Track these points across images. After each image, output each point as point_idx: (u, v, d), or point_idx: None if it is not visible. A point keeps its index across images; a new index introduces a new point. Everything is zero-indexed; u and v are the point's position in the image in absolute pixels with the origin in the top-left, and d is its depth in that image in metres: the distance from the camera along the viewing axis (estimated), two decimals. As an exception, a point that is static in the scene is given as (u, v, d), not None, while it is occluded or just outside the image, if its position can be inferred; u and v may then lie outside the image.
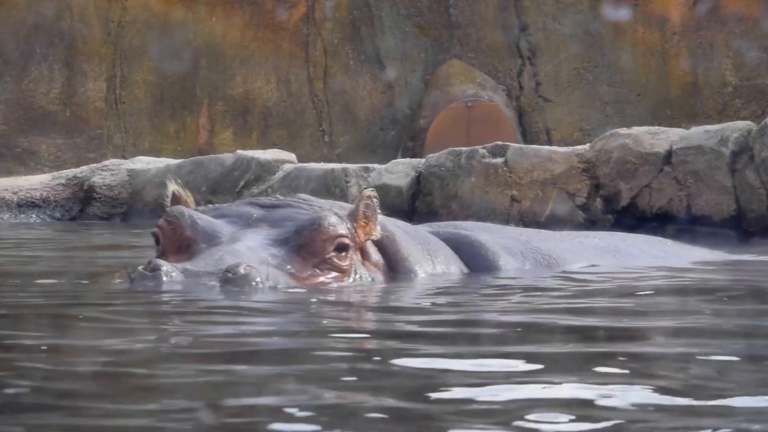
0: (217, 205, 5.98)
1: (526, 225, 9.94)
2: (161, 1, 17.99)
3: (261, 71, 18.10)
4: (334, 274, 5.36)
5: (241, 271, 4.85)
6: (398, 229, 5.95)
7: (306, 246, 5.31)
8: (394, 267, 5.76)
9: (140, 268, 4.92)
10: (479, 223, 6.94)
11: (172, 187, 5.75)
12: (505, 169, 10.98)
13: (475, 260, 6.06)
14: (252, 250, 5.20)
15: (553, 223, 10.23)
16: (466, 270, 6.01)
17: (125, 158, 15.28)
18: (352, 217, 5.55)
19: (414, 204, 11.52)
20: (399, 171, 11.95)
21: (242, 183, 12.93)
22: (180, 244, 5.35)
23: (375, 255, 5.72)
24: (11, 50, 17.74)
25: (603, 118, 17.48)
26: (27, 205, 13.40)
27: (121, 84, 17.99)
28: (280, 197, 5.85)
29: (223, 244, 5.29)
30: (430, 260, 5.91)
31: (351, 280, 5.43)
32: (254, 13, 18.08)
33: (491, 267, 6.04)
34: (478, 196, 11.05)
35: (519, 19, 18.01)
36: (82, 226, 12.69)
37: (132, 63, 18.01)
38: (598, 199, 10.38)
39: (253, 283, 4.86)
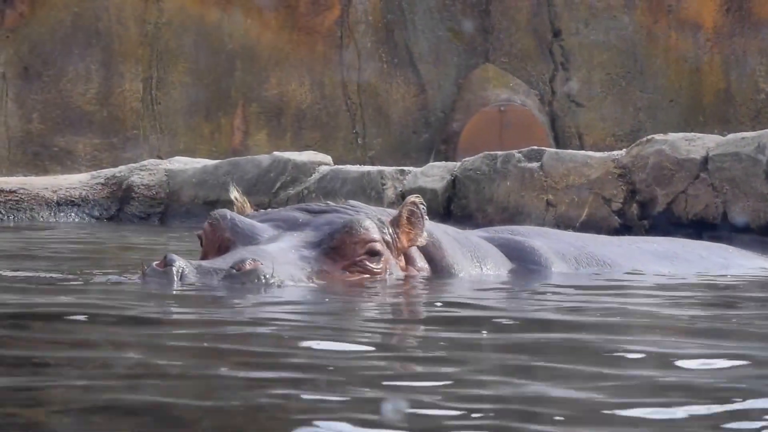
0: (269, 210, 6.07)
1: (562, 230, 9.95)
2: (197, 4, 18.10)
3: (295, 73, 18.18)
4: (364, 277, 5.40)
5: (247, 266, 4.90)
6: (446, 236, 5.98)
7: (337, 248, 5.37)
8: (440, 274, 5.78)
9: (154, 263, 5.00)
10: (536, 228, 6.93)
11: (234, 194, 5.89)
12: (540, 173, 11.00)
13: (527, 266, 6.05)
14: (282, 251, 5.26)
15: (588, 228, 10.24)
16: None
17: (161, 158, 15.36)
18: (396, 222, 5.60)
19: (449, 207, 11.55)
20: (434, 174, 11.96)
21: (278, 184, 12.96)
22: (220, 245, 5.43)
23: (420, 262, 5.76)
24: (49, 50, 17.87)
25: (635, 123, 17.51)
26: (66, 203, 13.51)
27: (157, 85, 18.10)
28: (331, 203, 5.90)
29: (256, 245, 5.37)
30: (478, 267, 5.91)
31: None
32: (289, 15, 18.16)
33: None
34: (513, 200, 11.08)
35: (552, 24, 18.06)
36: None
37: (168, 64, 18.12)
38: (634, 205, 10.41)
39: (257, 279, 4.88)
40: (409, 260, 5.71)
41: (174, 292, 4.76)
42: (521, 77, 17.99)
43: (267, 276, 4.90)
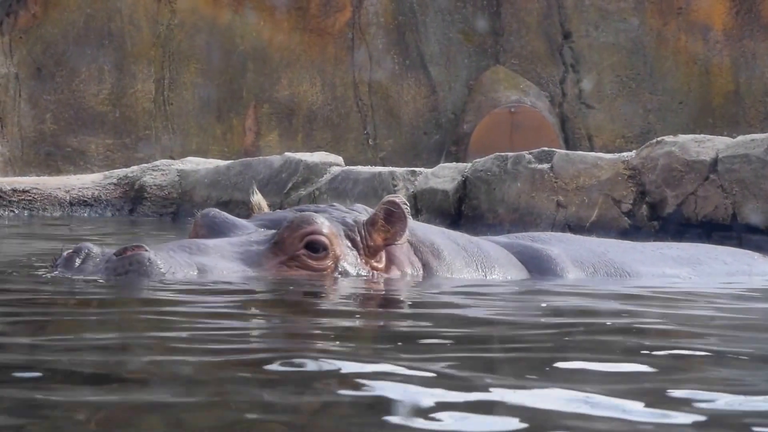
0: (276, 211, 6.06)
1: (571, 231, 9.93)
2: (209, 5, 18.20)
3: (306, 75, 18.28)
4: (303, 272, 5.29)
5: (127, 253, 4.84)
6: (451, 244, 5.87)
7: (279, 243, 5.30)
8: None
9: (65, 252, 4.98)
10: (558, 234, 6.77)
11: (255, 198, 5.93)
12: (551, 174, 11.02)
13: (541, 274, 5.94)
14: (227, 245, 5.26)
15: (598, 229, 10.27)
16: None
17: (173, 159, 15.43)
18: (371, 222, 5.52)
19: (460, 208, 11.57)
20: (445, 175, 11.97)
21: (290, 185, 12.97)
22: None
23: (407, 265, 5.65)
24: (62, 51, 17.98)
25: (645, 125, 17.58)
26: (79, 203, 13.58)
27: (170, 86, 18.20)
28: (337, 205, 5.86)
29: (210, 239, 5.39)
30: (482, 275, 5.79)
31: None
32: (300, 17, 18.26)
33: None
34: (524, 201, 11.11)
35: (562, 26, 18.13)
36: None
37: (180, 65, 18.22)
38: (644, 206, 10.43)
39: (129, 265, 4.79)
40: (394, 262, 5.61)
41: (49, 279, 4.80)
42: (532, 79, 18.06)
43: (144, 262, 4.82)
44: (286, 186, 12.99)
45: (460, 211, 11.54)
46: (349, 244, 5.49)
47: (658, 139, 10.79)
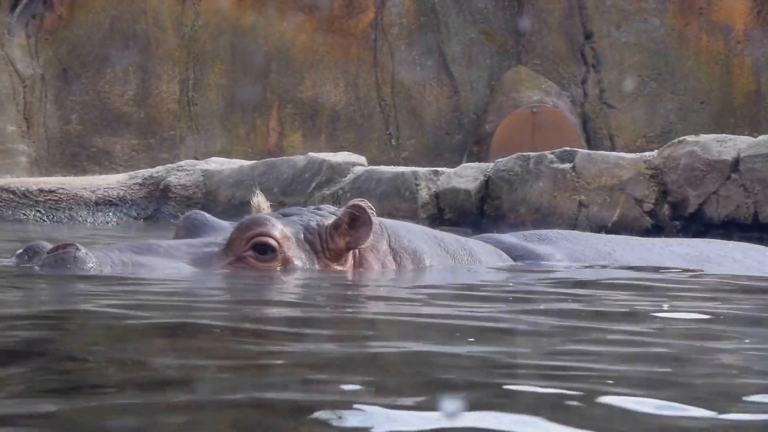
0: (270, 212, 6.10)
1: (593, 230, 9.96)
2: (233, 6, 18.28)
3: (330, 75, 18.34)
4: (245, 272, 5.29)
5: (58, 250, 4.94)
6: (438, 249, 5.86)
7: (229, 244, 5.37)
8: None
9: (19, 249, 5.12)
10: (565, 232, 6.72)
11: (255, 199, 6.00)
12: (573, 174, 11.06)
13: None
14: (185, 246, 5.33)
15: (620, 228, 10.31)
16: None
17: (197, 159, 15.49)
18: (333, 225, 5.54)
19: (482, 208, 11.61)
20: (468, 175, 12.00)
21: (313, 185, 12.99)
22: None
23: (376, 266, 5.66)
24: (87, 53, 18.09)
25: (666, 125, 17.60)
26: (104, 203, 13.64)
27: (194, 86, 18.29)
28: (323, 207, 5.84)
29: (180, 240, 5.50)
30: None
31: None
32: (324, 18, 18.33)
33: None
34: (546, 201, 11.14)
35: (583, 27, 18.16)
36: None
37: (204, 66, 18.30)
38: (666, 206, 10.46)
39: (56, 263, 4.87)
40: (363, 265, 5.63)
41: None
42: (553, 79, 18.10)
43: (69, 260, 4.90)
44: (309, 186, 13.01)
45: (483, 211, 11.58)
46: (308, 247, 5.53)
47: (680, 138, 10.82)
